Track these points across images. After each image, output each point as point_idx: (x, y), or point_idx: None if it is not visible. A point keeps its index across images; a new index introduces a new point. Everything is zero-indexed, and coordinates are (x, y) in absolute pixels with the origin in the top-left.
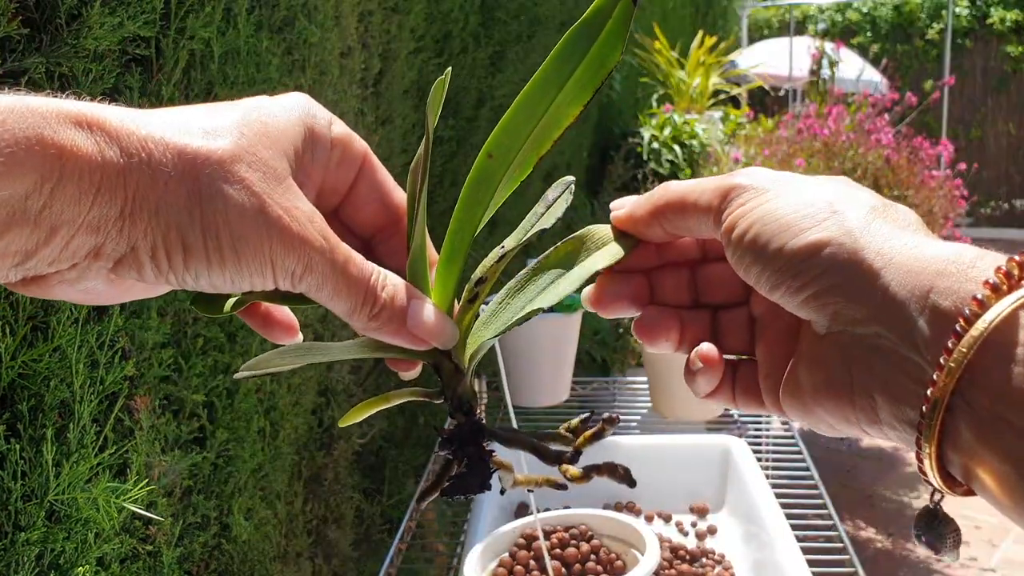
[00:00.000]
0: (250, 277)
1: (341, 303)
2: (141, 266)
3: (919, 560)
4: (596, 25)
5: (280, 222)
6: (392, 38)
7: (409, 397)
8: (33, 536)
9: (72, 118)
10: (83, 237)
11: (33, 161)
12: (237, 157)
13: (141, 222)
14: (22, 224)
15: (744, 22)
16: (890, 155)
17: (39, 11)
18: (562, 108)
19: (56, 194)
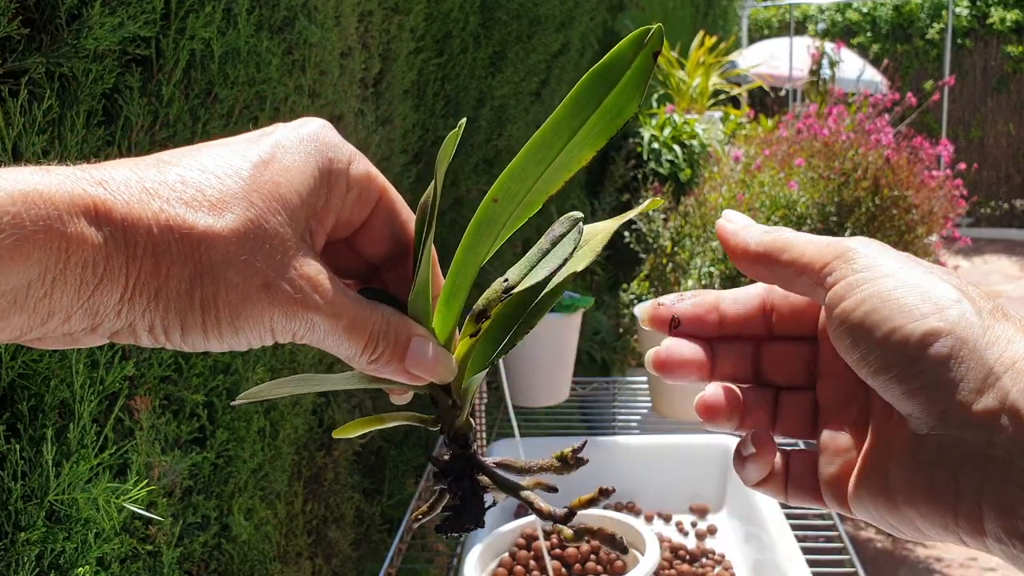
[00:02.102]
0: (248, 343)
1: (343, 351)
2: (137, 338)
3: (919, 560)
4: (615, 73)
5: (281, 296)
6: (392, 38)
7: (404, 421)
8: (33, 536)
9: (82, 208)
10: (79, 319)
11: (39, 253)
12: (243, 235)
13: (140, 305)
14: (21, 311)
15: (744, 22)
16: (890, 155)
17: (39, 11)
18: (573, 153)
19: (57, 284)
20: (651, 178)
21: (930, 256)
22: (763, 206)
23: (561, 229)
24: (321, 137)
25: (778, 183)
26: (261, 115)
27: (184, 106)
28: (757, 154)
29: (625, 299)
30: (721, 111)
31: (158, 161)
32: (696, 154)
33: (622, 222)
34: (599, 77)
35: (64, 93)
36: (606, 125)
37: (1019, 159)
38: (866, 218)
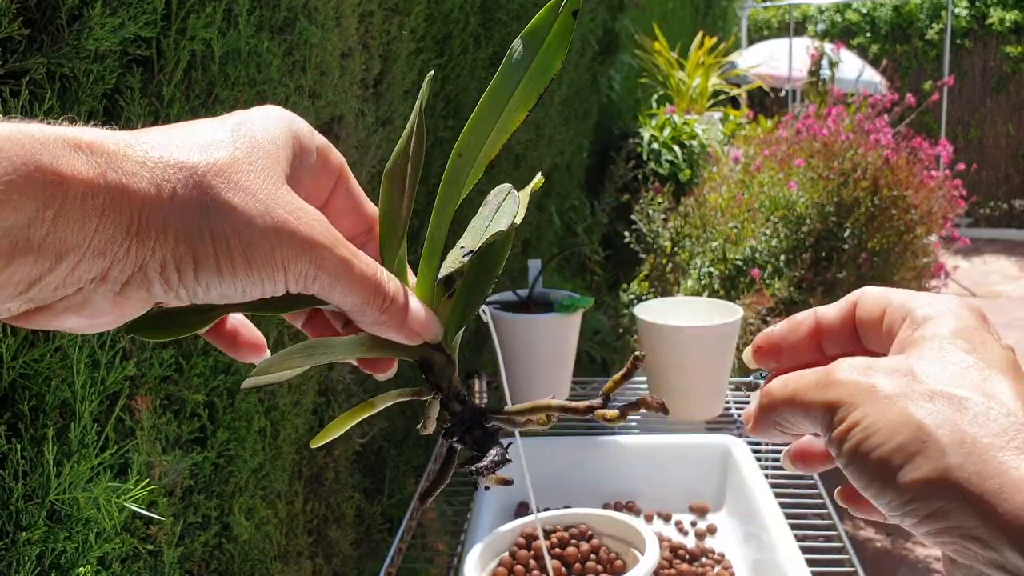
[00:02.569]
0: (262, 284)
1: (352, 298)
2: (150, 284)
3: (918, 560)
4: (539, 36)
5: (288, 225)
6: (392, 39)
7: (396, 399)
8: (34, 536)
9: (70, 143)
10: (89, 261)
11: (33, 188)
12: (237, 166)
13: (149, 240)
14: (25, 253)
15: (744, 23)
16: (889, 155)
17: (40, 11)
18: (512, 113)
19: (59, 220)
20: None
21: (929, 256)
22: (762, 206)
23: (498, 198)
24: (280, 112)
25: (777, 183)
26: None
27: (185, 107)
28: (756, 154)
29: (625, 299)
30: (721, 112)
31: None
32: (696, 154)
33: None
34: (526, 40)
35: (65, 94)
36: (536, 83)
37: (1018, 159)
38: (865, 218)
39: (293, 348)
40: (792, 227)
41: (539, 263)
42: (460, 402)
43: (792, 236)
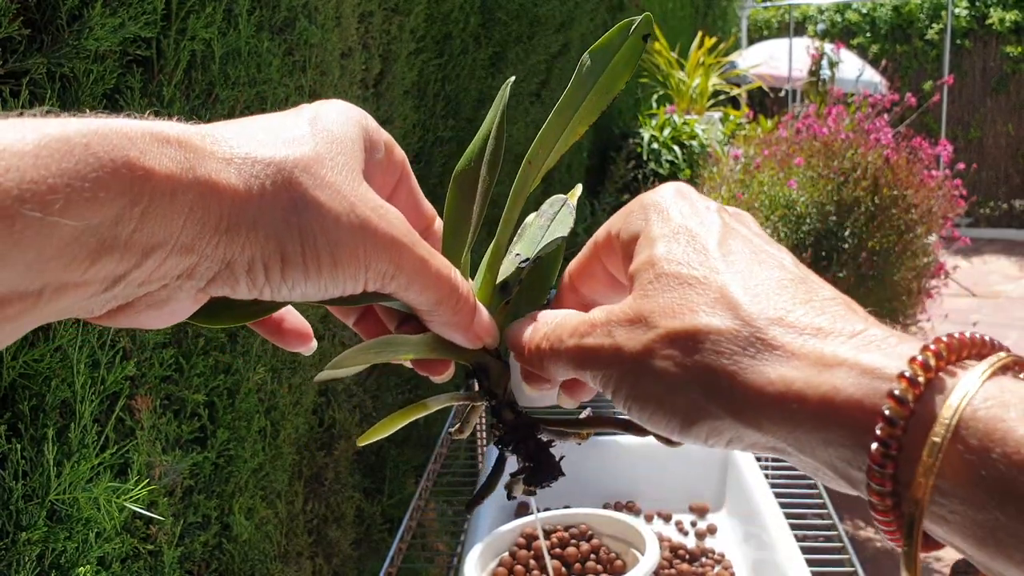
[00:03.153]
0: (344, 282)
1: (426, 296)
2: (236, 282)
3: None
4: (607, 55)
5: (370, 223)
6: (392, 39)
7: (449, 402)
8: (34, 536)
9: (158, 137)
10: (176, 258)
11: (121, 185)
12: (321, 162)
13: (239, 236)
14: (112, 250)
15: (744, 23)
16: (889, 155)
17: (40, 12)
18: (575, 126)
19: (147, 216)
20: (651, 178)
21: (929, 256)
22: (762, 206)
23: (553, 208)
24: (350, 108)
25: (777, 183)
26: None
27: (185, 106)
28: (756, 154)
29: None
30: (720, 112)
31: (212, 126)
32: (696, 154)
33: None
34: (595, 56)
35: (65, 93)
36: (600, 99)
37: (1018, 159)
38: (865, 217)
39: (365, 344)
40: (792, 226)
41: None
42: (513, 411)
43: (792, 235)
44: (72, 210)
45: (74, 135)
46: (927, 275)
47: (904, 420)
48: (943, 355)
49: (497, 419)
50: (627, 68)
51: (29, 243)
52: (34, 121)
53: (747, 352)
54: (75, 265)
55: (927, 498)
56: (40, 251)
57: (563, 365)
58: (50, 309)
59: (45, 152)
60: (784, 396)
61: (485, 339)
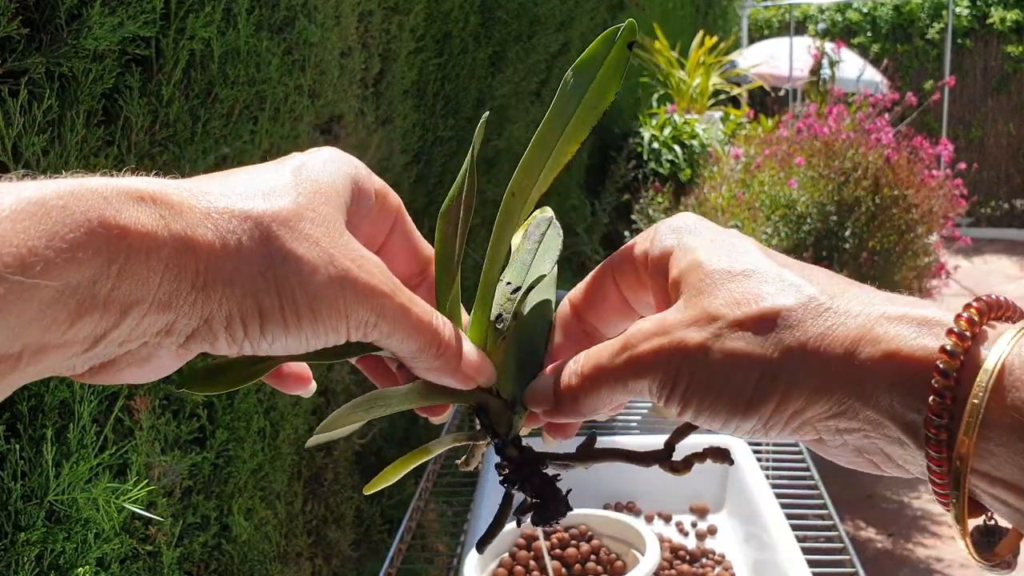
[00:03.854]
0: (325, 335)
1: (409, 344)
2: (215, 338)
3: (919, 560)
4: (592, 68)
5: (350, 274)
6: (392, 38)
7: (451, 444)
8: (33, 536)
9: (134, 195)
10: (155, 316)
11: (97, 244)
12: (300, 214)
13: (215, 293)
14: (91, 310)
15: (744, 22)
16: (890, 154)
17: (39, 11)
18: (563, 146)
19: (124, 275)
20: (651, 178)
21: (930, 255)
22: (763, 205)
23: (540, 229)
24: (340, 155)
25: (778, 182)
26: (261, 115)
27: (184, 106)
28: (757, 154)
29: None
30: (721, 111)
31: (194, 180)
32: (696, 154)
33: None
34: (578, 71)
35: (64, 93)
36: (587, 115)
37: (1019, 159)
38: (866, 217)
39: (354, 402)
40: (793, 226)
41: None
42: (517, 448)
43: (793, 235)
44: (52, 271)
45: (51, 197)
46: (928, 275)
47: (956, 372)
48: (985, 312)
49: (501, 456)
50: (615, 79)
51: (10, 306)
52: (11, 185)
53: (820, 320)
54: (55, 327)
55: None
56: (20, 314)
57: (609, 386)
58: (30, 371)
59: (23, 216)
60: (857, 343)
61: (478, 379)
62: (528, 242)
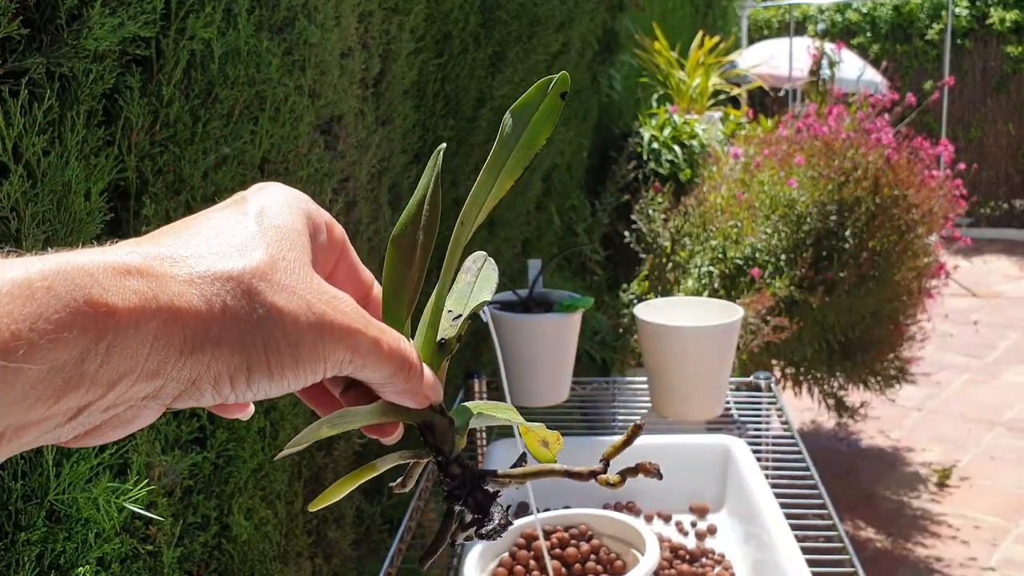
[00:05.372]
0: (305, 378)
1: (382, 372)
2: (201, 395)
3: (919, 560)
4: (526, 113)
5: (326, 317)
6: (392, 38)
7: (398, 461)
8: (33, 536)
9: (119, 270)
10: (142, 384)
11: (84, 322)
12: (274, 265)
13: (204, 355)
14: (78, 386)
15: (744, 22)
16: (890, 155)
17: (39, 11)
18: (503, 182)
19: (113, 351)
20: (651, 178)
21: (930, 256)
22: (763, 205)
23: (477, 264)
24: (291, 193)
25: (778, 182)
26: (261, 115)
27: (184, 106)
28: (757, 153)
29: (625, 299)
30: (721, 111)
31: (161, 235)
32: (696, 154)
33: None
34: (515, 115)
35: (64, 93)
36: (523, 155)
37: (1019, 159)
38: (866, 217)
39: (323, 420)
40: (792, 226)
41: (539, 263)
42: (460, 466)
43: (792, 235)
44: (36, 354)
45: (36, 277)
46: (928, 275)
47: None
48: None
49: (444, 474)
50: (547, 125)
51: None
52: None
53: None
54: (39, 405)
55: None
56: (3, 397)
57: None
58: (12, 447)
59: (7, 299)
60: None
61: (432, 398)
62: (467, 275)
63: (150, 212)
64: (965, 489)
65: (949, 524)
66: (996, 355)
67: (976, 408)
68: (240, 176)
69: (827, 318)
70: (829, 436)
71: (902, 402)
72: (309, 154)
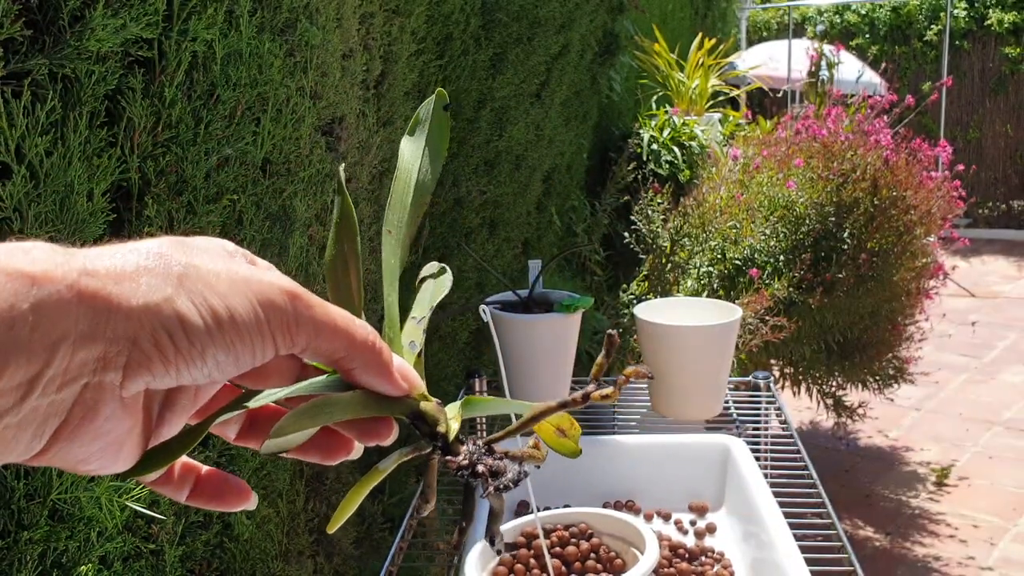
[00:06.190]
0: (252, 340)
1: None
2: (149, 360)
3: (917, 559)
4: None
5: (253, 275)
6: (393, 40)
7: (400, 459)
8: (36, 535)
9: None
10: (84, 350)
11: (2, 283)
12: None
13: (134, 312)
14: (16, 354)
15: (743, 24)
16: (889, 156)
17: (42, 13)
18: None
19: (40, 313)
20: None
21: (928, 256)
22: (761, 206)
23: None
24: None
25: (777, 183)
26: (263, 116)
27: (186, 107)
28: (755, 155)
29: (625, 299)
30: (720, 113)
31: None
32: (695, 155)
33: None
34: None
35: (67, 94)
36: (435, 166)
37: (1017, 160)
38: (864, 218)
39: (300, 408)
40: (791, 227)
41: (539, 263)
42: (460, 442)
43: (791, 236)
44: None
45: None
46: (926, 276)
47: None
48: None
49: (448, 453)
50: (443, 136)
51: None
52: None
53: None
54: None
55: None
56: None
57: None
58: None
59: None
60: None
61: (413, 384)
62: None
63: (152, 213)
64: (963, 488)
65: (947, 523)
66: (994, 355)
67: (974, 408)
68: (242, 177)
69: (826, 318)
70: (828, 435)
71: (900, 402)
72: (311, 155)
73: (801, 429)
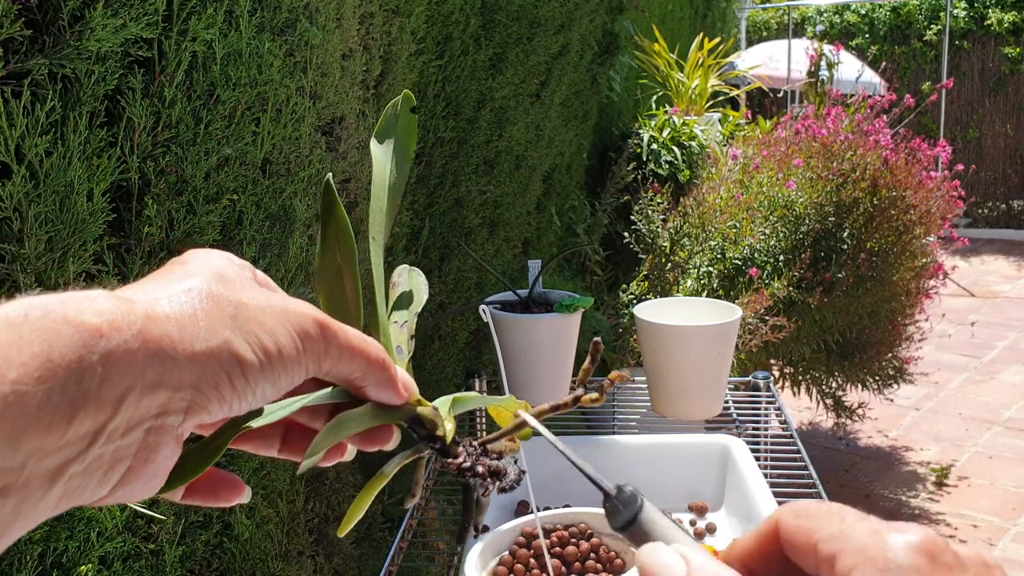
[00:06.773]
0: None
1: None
2: (208, 402)
3: None
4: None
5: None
6: (393, 40)
7: (402, 461)
8: (36, 535)
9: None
10: (149, 398)
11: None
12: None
13: (196, 359)
14: (84, 405)
15: (743, 24)
16: (888, 156)
17: (42, 12)
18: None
19: (109, 365)
20: (651, 179)
21: (928, 256)
22: (761, 206)
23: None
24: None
25: (776, 183)
26: (263, 116)
27: (186, 107)
28: (755, 155)
29: (625, 299)
30: (720, 112)
31: None
32: (695, 155)
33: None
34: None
35: (67, 94)
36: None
37: (1016, 160)
38: (864, 218)
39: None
40: (791, 227)
41: (539, 263)
42: (457, 444)
43: (791, 236)
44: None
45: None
46: (926, 275)
47: None
48: None
49: (446, 456)
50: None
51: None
52: None
53: None
54: (54, 429)
55: None
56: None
57: None
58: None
59: None
60: None
61: (412, 392)
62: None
63: (152, 213)
64: (963, 488)
65: (947, 523)
66: (994, 355)
67: (974, 408)
68: (242, 177)
69: (825, 318)
70: (827, 435)
71: (900, 402)
72: (310, 155)
73: (801, 429)
